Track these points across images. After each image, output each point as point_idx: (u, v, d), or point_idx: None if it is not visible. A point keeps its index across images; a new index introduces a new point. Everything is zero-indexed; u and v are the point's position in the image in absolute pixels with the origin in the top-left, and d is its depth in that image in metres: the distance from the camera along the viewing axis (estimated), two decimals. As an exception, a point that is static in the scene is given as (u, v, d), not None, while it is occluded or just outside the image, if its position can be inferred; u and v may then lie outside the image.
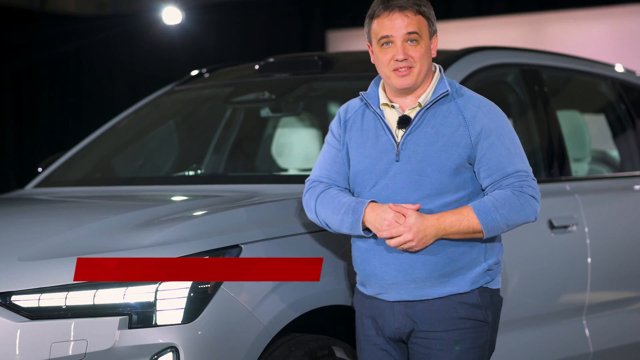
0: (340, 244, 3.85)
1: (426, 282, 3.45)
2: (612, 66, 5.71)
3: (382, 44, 3.46)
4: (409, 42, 3.43)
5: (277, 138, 5.30)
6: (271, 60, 5.08)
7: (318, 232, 3.80)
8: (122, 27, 13.17)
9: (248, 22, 13.30)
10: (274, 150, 5.26)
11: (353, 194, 3.55)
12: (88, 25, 13.33)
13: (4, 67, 12.78)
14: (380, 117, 3.51)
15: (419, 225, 3.36)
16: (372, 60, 3.54)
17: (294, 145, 5.18)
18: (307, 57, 5.02)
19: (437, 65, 3.56)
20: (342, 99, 5.95)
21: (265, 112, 5.28)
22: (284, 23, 13.19)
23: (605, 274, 4.87)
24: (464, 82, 4.55)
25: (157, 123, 5.46)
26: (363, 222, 3.44)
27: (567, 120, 5.28)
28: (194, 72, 5.51)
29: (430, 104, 3.47)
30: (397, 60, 3.43)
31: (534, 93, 4.93)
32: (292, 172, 5.16)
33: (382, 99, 3.53)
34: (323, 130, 5.25)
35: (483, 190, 3.48)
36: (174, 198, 4.35)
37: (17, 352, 3.39)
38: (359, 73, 5.09)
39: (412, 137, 3.45)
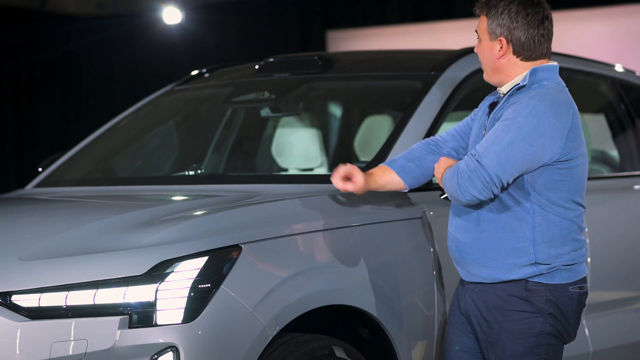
0: (340, 244, 3.85)
1: (471, 261, 3.71)
2: (612, 66, 5.71)
3: None
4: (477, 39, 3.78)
5: (277, 138, 5.30)
6: (271, 60, 5.08)
7: (318, 232, 3.80)
8: (122, 27, 13.17)
9: (248, 22, 13.30)
10: (274, 150, 5.26)
11: None
12: (88, 25, 13.34)
13: (4, 67, 12.79)
14: (488, 105, 3.83)
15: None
16: None
17: (294, 145, 5.18)
18: (307, 57, 5.03)
19: (538, 67, 3.71)
20: (342, 99, 5.97)
21: (265, 112, 5.29)
22: (284, 23, 13.19)
23: (604, 274, 4.87)
24: (463, 82, 4.56)
25: (157, 123, 5.47)
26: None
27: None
28: (194, 72, 5.51)
29: (508, 94, 3.69)
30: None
31: (533, 93, 4.93)
32: (292, 172, 5.17)
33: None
34: (323, 130, 5.27)
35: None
36: (174, 198, 4.36)
37: (17, 352, 3.39)
38: (359, 73, 5.10)
39: (490, 122, 3.73)
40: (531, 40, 3.68)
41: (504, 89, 3.72)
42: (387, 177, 3.87)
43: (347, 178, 3.80)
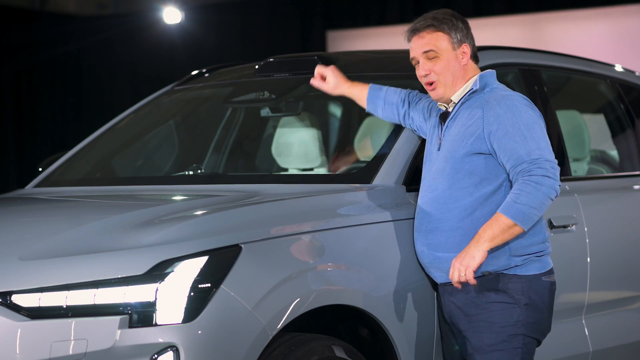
0: (340, 244, 3.85)
1: (449, 261, 3.82)
2: (611, 66, 5.71)
3: (415, 65, 3.99)
4: (429, 59, 3.92)
5: (277, 138, 5.30)
6: (271, 60, 5.08)
7: (318, 231, 3.80)
8: (122, 27, 13.17)
9: (248, 22, 13.30)
10: (274, 149, 5.26)
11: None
12: (88, 25, 13.34)
13: (4, 67, 12.78)
14: (439, 116, 4.02)
15: (461, 260, 3.75)
16: None
17: (294, 144, 5.18)
18: (307, 57, 5.02)
19: (479, 73, 3.95)
20: (341, 99, 5.96)
21: (265, 111, 5.29)
22: (284, 23, 13.20)
23: (604, 274, 4.87)
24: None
25: (157, 123, 5.47)
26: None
27: (567, 120, 5.28)
28: (194, 72, 5.51)
29: (463, 100, 3.91)
30: (422, 76, 3.95)
31: (533, 93, 4.93)
32: (292, 171, 5.17)
33: (439, 102, 4.03)
34: (323, 129, 5.26)
35: (508, 175, 3.83)
36: (174, 198, 4.36)
37: (18, 352, 3.40)
38: (359, 73, 5.09)
39: (449, 130, 3.93)
40: (475, 46, 4.01)
41: (455, 97, 3.92)
42: (358, 92, 4.30)
43: (323, 78, 4.29)
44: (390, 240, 4.00)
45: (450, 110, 3.95)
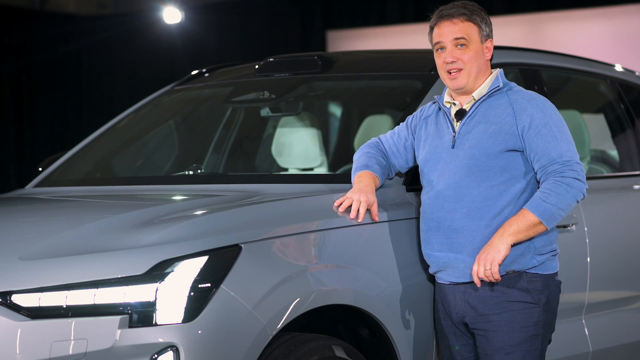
0: (340, 244, 3.85)
1: (473, 260, 3.81)
2: (611, 66, 5.71)
3: (437, 50, 3.92)
4: (458, 46, 3.88)
5: (277, 138, 5.30)
6: (271, 60, 5.08)
7: (318, 231, 3.80)
8: (122, 27, 13.17)
9: (248, 22, 13.30)
10: (274, 149, 5.26)
11: (421, 182, 4.00)
12: (88, 25, 13.34)
13: (4, 67, 12.78)
14: (446, 113, 3.96)
15: (487, 254, 3.75)
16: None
17: (294, 144, 5.18)
18: (307, 56, 5.03)
19: (499, 69, 3.98)
20: (342, 99, 5.97)
21: (265, 111, 5.28)
22: (284, 23, 13.19)
23: (604, 274, 4.87)
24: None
25: (157, 123, 5.46)
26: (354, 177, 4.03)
27: (567, 119, 5.25)
28: (194, 72, 5.51)
29: (484, 97, 3.90)
30: (447, 62, 3.88)
31: (533, 93, 4.93)
32: (292, 171, 5.17)
33: (446, 98, 3.99)
34: (323, 129, 5.26)
35: (535, 173, 3.84)
36: (174, 197, 4.36)
37: (18, 352, 3.40)
38: (359, 73, 5.10)
39: (466, 127, 3.89)
40: None
41: (476, 94, 3.90)
42: (376, 183, 4.03)
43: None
44: (390, 240, 4.00)
45: (465, 107, 3.92)
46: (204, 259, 3.50)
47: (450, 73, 3.89)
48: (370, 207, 3.90)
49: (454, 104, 3.95)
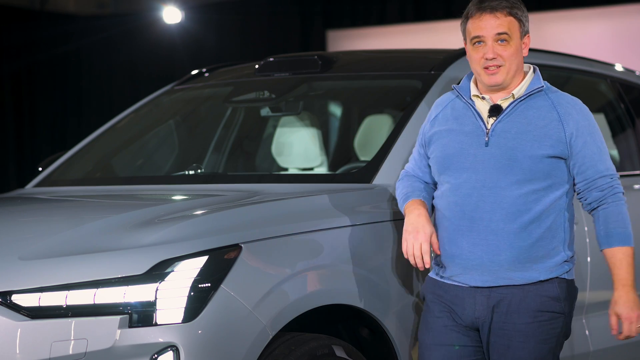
0: (340, 244, 3.85)
1: (510, 265, 3.64)
2: (611, 65, 5.71)
3: (474, 43, 3.69)
4: (499, 42, 3.67)
5: (277, 137, 5.30)
6: (271, 59, 5.08)
7: (318, 231, 3.80)
8: (122, 27, 13.17)
9: (248, 22, 13.31)
10: (274, 149, 5.26)
11: (440, 178, 3.77)
12: (88, 25, 13.34)
13: (4, 67, 12.78)
14: (471, 106, 3.74)
15: (632, 312, 3.69)
16: (468, 56, 3.76)
17: (294, 144, 5.18)
18: (307, 56, 5.03)
19: (532, 65, 3.78)
20: (342, 99, 5.96)
21: (265, 111, 5.29)
22: (284, 23, 13.20)
23: (604, 273, 4.83)
24: (463, 82, 4.55)
25: (157, 122, 5.47)
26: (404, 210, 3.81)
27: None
28: (194, 72, 5.51)
29: (525, 97, 3.69)
30: (487, 58, 3.66)
31: (533, 92, 4.93)
32: (292, 171, 5.17)
33: (474, 91, 3.76)
34: (323, 129, 5.26)
35: (574, 182, 3.72)
36: (174, 197, 4.36)
37: (18, 352, 3.39)
38: (359, 72, 5.09)
39: (503, 125, 3.67)
40: None
41: (517, 92, 3.70)
42: (425, 206, 3.83)
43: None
44: (390, 239, 4.00)
45: (500, 103, 3.70)
46: (204, 259, 3.50)
47: (488, 69, 3.68)
48: (431, 240, 3.70)
49: (483, 98, 3.74)
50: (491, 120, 3.69)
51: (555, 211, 3.68)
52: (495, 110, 3.70)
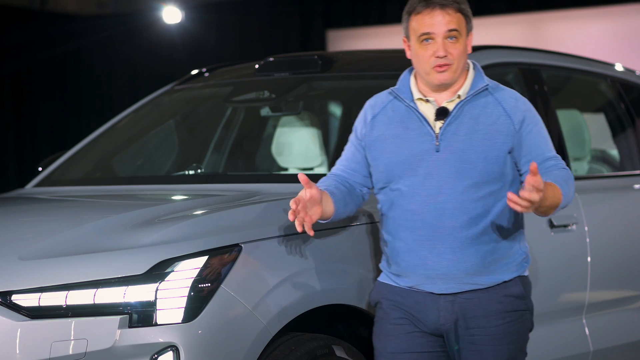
0: (340, 243, 3.85)
1: (476, 270, 3.56)
2: (611, 65, 5.71)
3: (422, 41, 3.56)
4: (448, 39, 3.54)
5: (277, 137, 5.30)
6: (271, 59, 5.08)
7: (318, 231, 3.80)
8: (122, 27, 13.17)
9: (248, 22, 13.30)
10: (274, 149, 5.26)
11: (388, 186, 3.61)
12: (88, 25, 13.34)
13: (4, 67, 12.78)
14: (415, 110, 3.61)
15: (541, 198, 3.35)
16: (408, 55, 3.65)
17: (294, 144, 5.17)
18: (307, 56, 5.03)
19: (473, 62, 3.68)
20: (342, 99, 5.96)
21: (265, 111, 5.28)
22: (284, 23, 13.20)
23: (605, 273, 4.87)
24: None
25: (157, 122, 5.46)
26: None
27: (567, 119, 5.28)
28: (194, 72, 5.51)
29: (470, 96, 3.59)
30: (438, 56, 3.53)
31: (533, 92, 4.93)
32: (292, 171, 5.16)
33: (416, 93, 3.63)
34: (323, 129, 5.25)
35: (520, 175, 3.60)
36: (174, 197, 4.36)
37: (18, 352, 3.39)
38: (359, 72, 5.09)
39: (451, 128, 3.56)
40: None
41: (462, 92, 3.58)
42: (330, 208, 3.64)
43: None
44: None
45: (446, 105, 3.57)
46: (204, 259, 3.50)
47: (438, 67, 3.53)
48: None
49: (428, 100, 3.61)
50: (438, 124, 3.57)
51: (510, 210, 3.55)
52: (442, 114, 3.57)
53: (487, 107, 3.58)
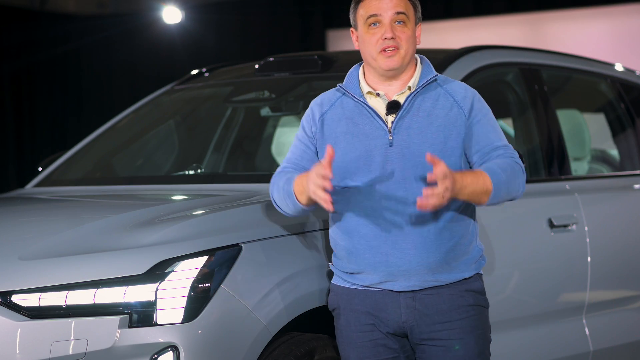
0: (340, 243, 3.85)
1: (438, 267, 3.48)
2: (611, 65, 5.71)
3: (370, 24, 3.52)
4: (396, 22, 3.49)
5: (277, 137, 5.30)
6: (271, 59, 5.08)
7: (318, 231, 3.80)
8: (122, 27, 13.17)
9: (248, 22, 13.30)
10: (274, 149, 5.26)
11: (343, 183, 3.50)
12: (88, 25, 13.34)
13: (4, 67, 12.78)
14: (365, 105, 3.53)
15: (452, 175, 3.30)
16: (356, 46, 3.64)
17: (294, 144, 5.16)
18: (307, 56, 5.02)
19: (421, 56, 3.63)
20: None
21: (265, 111, 5.28)
22: (284, 23, 13.20)
23: (605, 273, 4.87)
24: (463, 81, 4.54)
25: (157, 122, 5.46)
26: (298, 195, 3.47)
27: (567, 119, 5.28)
28: (194, 72, 5.51)
29: (420, 88, 3.51)
30: (385, 38, 3.48)
31: (533, 92, 4.93)
32: (292, 171, 5.15)
33: (366, 88, 3.57)
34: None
35: (471, 167, 3.53)
36: (174, 197, 4.36)
37: (18, 352, 3.39)
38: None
39: (404, 122, 3.48)
40: None
41: (412, 83, 3.51)
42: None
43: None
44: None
45: (396, 98, 3.50)
46: (203, 259, 3.50)
47: (385, 51, 3.47)
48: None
49: (378, 94, 3.54)
50: (390, 118, 3.49)
51: (467, 205, 3.52)
52: (394, 107, 3.49)
53: (439, 99, 3.51)
